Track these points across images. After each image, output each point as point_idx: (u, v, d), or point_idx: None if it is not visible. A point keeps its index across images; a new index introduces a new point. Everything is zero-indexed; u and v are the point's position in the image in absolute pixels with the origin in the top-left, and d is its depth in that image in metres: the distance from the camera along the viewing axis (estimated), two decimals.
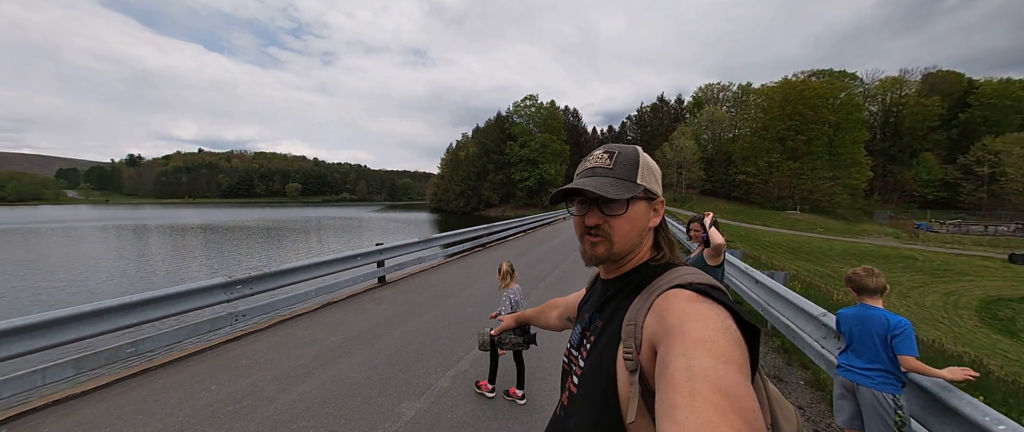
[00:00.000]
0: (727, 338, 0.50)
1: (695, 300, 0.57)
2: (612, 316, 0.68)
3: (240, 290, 4.36)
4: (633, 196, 0.68)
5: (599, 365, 0.65)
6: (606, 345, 0.65)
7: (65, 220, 49.70)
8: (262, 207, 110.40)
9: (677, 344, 0.50)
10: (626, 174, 0.69)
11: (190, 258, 18.97)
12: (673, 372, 0.46)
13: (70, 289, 12.08)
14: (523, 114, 65.79)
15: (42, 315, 2.90)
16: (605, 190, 0.66)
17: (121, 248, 22.58)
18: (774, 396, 0.65)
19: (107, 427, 2.59)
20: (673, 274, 0.66)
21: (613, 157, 0.71)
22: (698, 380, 0.44)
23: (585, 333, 0.75)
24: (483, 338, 1.19)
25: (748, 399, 0.43)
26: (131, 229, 35.79)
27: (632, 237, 0.70)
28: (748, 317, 0.57)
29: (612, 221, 0.68)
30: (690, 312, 0.54)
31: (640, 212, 0.70)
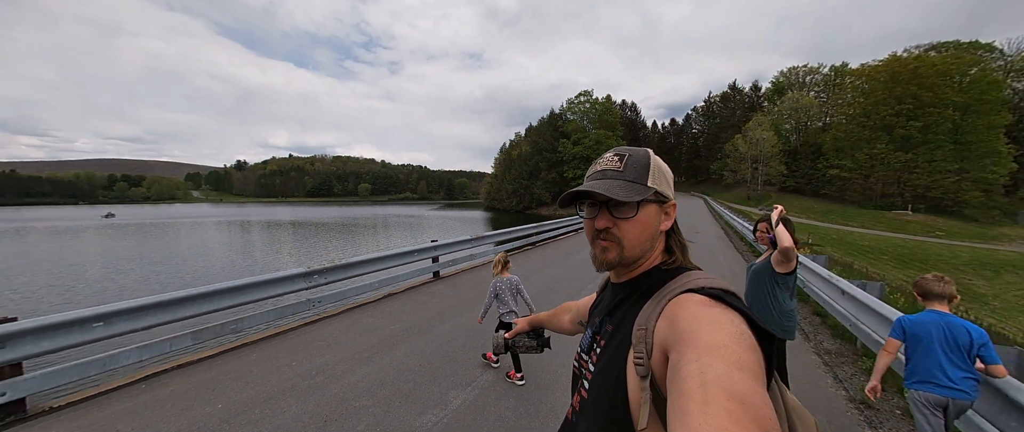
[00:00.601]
0: (741, 344, 0.48)
1: (708, 305, 0.55)
2: (623, 321, 0.67)
3: (317, 279, 4.94)
4: (643, 199, 0.67)
5: (609, 370, 0.64)
6: (616, 350, 0.64)
7: (191, 216, 60.45)
8: (338, 205, 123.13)
9: (690, 350, 0.48)
10: (636, 177, 0.68)
11: (281, 249, 21.84)
12: (685, 378, 0.45)
13: (194, 273, 14.65)
14: (577, 111, 64.32)
15: (171, 294, 3.58)
16: (615, 192, 0.65)
17: (230, 240, 26.82)
18: (792, 405, 0.62)
19: (215, 389, 3.12)
20: (685, 278, 0.64)
21: (623, 159, 0.71)
22: (711, 386, 0.42)
23: (595, 337, 0.74)
24: (498, 341, 1.20)
25: (763, 406, 0.42)
26: (238, 224, 42.33)
27: (643, 240, 0.68)
28: (763, 323, 0.55)
29: (622, 224, 0.67)
30: (703, 317, 0.53)
31: (651, 215, 0.69)
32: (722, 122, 75.48)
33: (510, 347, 1.18)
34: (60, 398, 3.02)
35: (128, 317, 3.31)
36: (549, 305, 4.52)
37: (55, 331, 2.94)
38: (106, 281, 13.29)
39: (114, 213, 70.27)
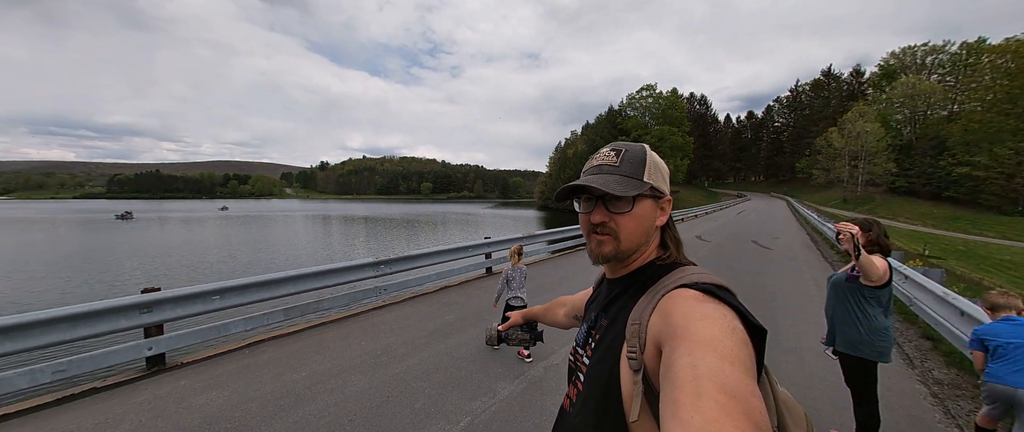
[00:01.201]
0: (733, 338, 0.49)
1: (701, 300, 0.56)
2: (617, 315, 0.68)
3: (383, 269, 5.41)
4: (639, 194, 0.67)
5: (603, 364, 0.65)
6: (610, 344, 0.65)
7: (284, 210, 69.67)
8: (403, 202, 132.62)
9: (682, 344, 0.49)
10: (632, 172, 0.68)
11: (354, 241, 24.17)
12: (678, 371, 0.46)
13: (286, 259, 16.85)
14: (638, 106, 61.00)
15: (269, 276, 4.20)
16: (611, 187, 0.65)
17: (315, 231, 30.39)
18: (783, 398, 0.63)
19: (300, 359, 3.60)
20: (679, 273, 0.65)
21: (620, 155, 0.71)
22: (703, 380, 0.43)
23: (590, 332, 0.74)
24: (491, 333, 1.19)
25: (754, 400, 0.42)
26: (321, 218, 47.82)
27: (638, 235, 0.69)
28: (755, 317, 0.55)
29: (618, 219, 0.68)
30: (696, 312, 0.53)
31: (646, 210, 0.69)
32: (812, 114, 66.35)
33: (503, 339, 1.18)
34: (188, 356, 3.72)
35: (238, 293, 3.96)
36: None
37: (186, 301, 3.63)
38: (221, 263, 15.90)
39: (228, 206, 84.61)
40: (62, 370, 2.97)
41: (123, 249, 20.21)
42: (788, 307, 5.35)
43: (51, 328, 2.93)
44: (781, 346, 3.94)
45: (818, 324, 4.31)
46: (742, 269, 7.93)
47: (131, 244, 22.40)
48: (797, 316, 4.95)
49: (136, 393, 3.03)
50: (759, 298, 5.73)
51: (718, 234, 14.64)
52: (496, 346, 1.21)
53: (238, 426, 2.57)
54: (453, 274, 6.68)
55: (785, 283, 6.81)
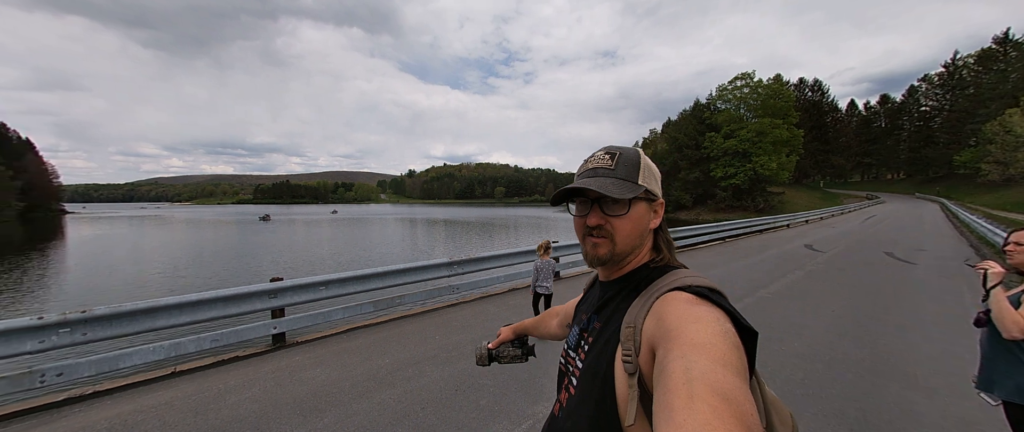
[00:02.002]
0: (726, 341, 0.49)
1: (694, 303, 0.57)
2: (611, 318, 0.68)
3: (456, 269, 5.77)
4: (635, 197, 0.68)
5: (597, 367, 0.65)
6: (604, 347, 0.65)
7: (379, 213, 78.73)
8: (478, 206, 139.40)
9: (675, 347, 0.50)
10: (627, 175, 0.69)
11: (435, 241, 26.16)
12: (671, 374, 0.46)
13: (380, 256, 19.00)
14: (730, 98, 54.12)
15: (364, 271, 4.80)
16: (608, 190, 0.66)
17: (402, 232, 33.67)
18: (771, 400, 0.64)
19: (384, 348, 4.03)
20: (672, 276, 0.65)
21: (615, 158, 0.71)
22: (696, 383, 0.43)
23: (583, 335, 0.74)
24: (481, 352, 1.11)
25: (746, 403, 0.43)
26: (408, 220, 52.85)
27: (634, 238, 0.70)
28: (746, 320, 0.55)
29: (614, 221, 0.68)
30: (689, 315, 0.54)
31: (641, 213, 0.70)
32: (980, 93, 51.53)
33: (494, 357, 1.11)
34: (301, 337, 4.45)
35: (338, 285, 4.61)
36: None
37: (301, 290, 4.35)
38: (330, 258, 18.62)
39: (337, 210, 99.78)
40: (218, 340, 3.81)
41: (263, 244, 24.99)
42: (931, 335, 4.26)
43: (212, 306, 3.78)
44: (919, 383, 3.16)
45: (972, 359, 3.34)
46: (867, 287, 6.52)
47: (268, 241, 27.59)
48: (943, 345, 3.92)
49: (264, 363, 3.73)
50: (889, 322, 4.66)
51: (836, 243, 12.28)
52: (487, 365, 1.16)
53: (334, 401, 2.99)
54: (520, 277, 6.79)
55: (929, 306, 5.41)
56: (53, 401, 2.99)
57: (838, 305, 5.38)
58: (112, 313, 3.25)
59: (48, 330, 2.97)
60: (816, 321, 4.71)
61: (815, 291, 6.22)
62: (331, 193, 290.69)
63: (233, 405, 2.95)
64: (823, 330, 4.40)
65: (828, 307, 5.29)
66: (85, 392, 3.13)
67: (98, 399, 3.08)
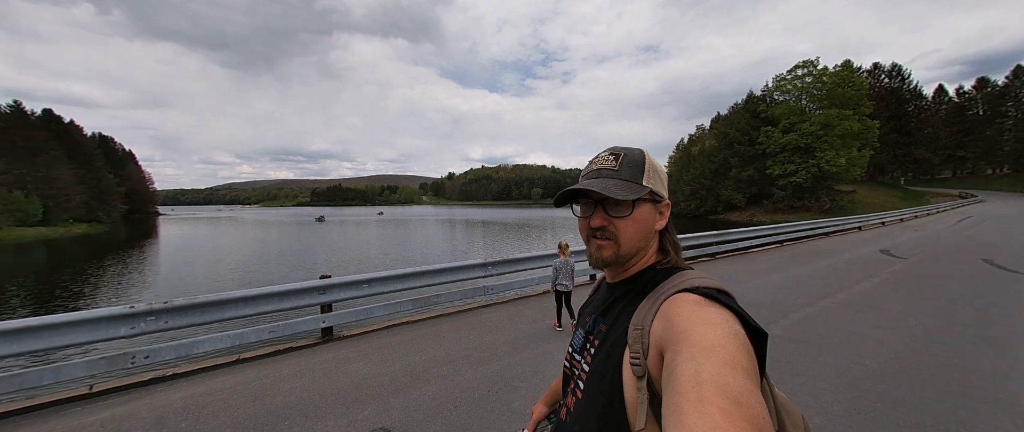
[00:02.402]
0: (735, 343, 0.49)
1: (702, 304, 0.56)
2: (617, 320, 0.67)
3: (491, 270, 5.82)
4: (639, 198, 0.67)
5: (604, 370, 0.64)
6: (611, 350, 0.64)
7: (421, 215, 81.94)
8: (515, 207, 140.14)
9: (685, 349, 0.49)
10: (631, 176, 0.69)
11: (473, 241, 26.65)
12: (680, 377, 0.46)
13: (421, 255, 19.73)
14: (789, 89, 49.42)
15: (404, 270, 5.00)
16: (611, 191, 0.65)
17: (441, 232, 34.73)
18: (781, 402, 0.64)
19: (421, 345, 4.16)
20: (679, 278, 0.64)
21: (619, 158, 0.71)
22: (706, 386, 0.43)
23: (588, 337, 0.73)
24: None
25: (757, 405, 0.43)
26: (447, 221, 54.45)
27: (638, 239, 0.69)
28: (756, 321, 0.54)
29: (618, 223, 0.68)
30: (697, 317, 0.53)
31: (645, 214, 0.70)
32: None
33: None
34: (346, 331, 4.72)
35: (380, 283, 4.84)
36: None
37: (346, 287, 4.62)
38: (376, 257, 19.66)
39: (383, 211, 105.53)
40: (274, 332, 4.16)
41: (318, 244, 26.98)
42: None
43: (269, 300, 4.13)
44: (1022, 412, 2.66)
45: None
46: (959, 298, 5.63)
47: (322, 240, 29.74)
48: None
49: (314, 355, 4.00)
50: (986, 340, 3.98)
51: (921, 248, 10.79)
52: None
53: (374, 394, 3.13)
54: (534, 282, 6.69)
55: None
56: (141, 380, 3.43)
57: (921, 318, 4.70)
58: (188, 304, 3.66)
59: (137, 318, 3.42)
60: (893, 335, 4.15)
61: (892, 301, 5.49)
62: (378, 195, 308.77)
63: (286, 393, 3.20)
64: (901, 346, 3.87)
65: (908, 320, 4.65)
66: (166, 373, 3.55)
67: (176, 381, 3.48)
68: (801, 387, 3.09)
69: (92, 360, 3.30)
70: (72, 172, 52.08)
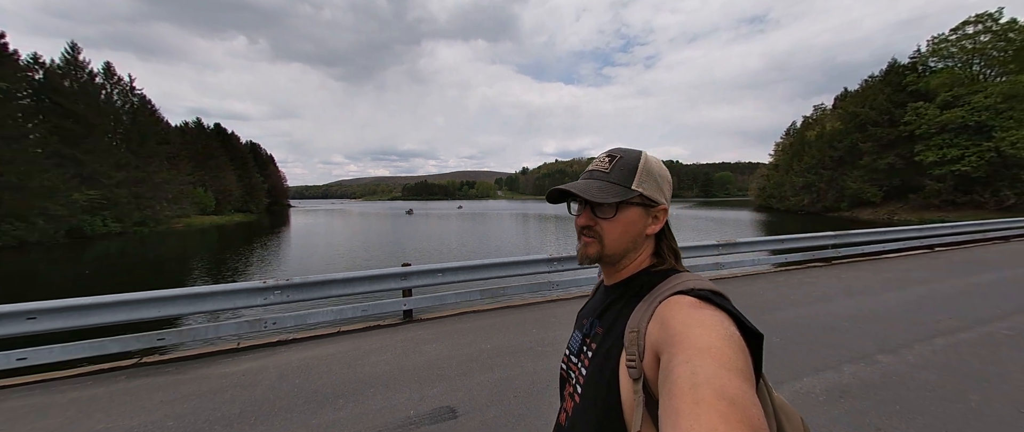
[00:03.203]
0: (731, 345, 0.49)
1: (698, 306, 0.56)
2: (613, 323, 0.68)
3: (556, 266, 5.82)
4: (622, 201, 0.68)
5: (601, 373, 0.64)
6: (608, 353, 0.65)
7: (496, 209, 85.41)
8: None
9: (680, 351, 0.49)
10: (620, 179, 0.70)
11: (545, 235, 26.78)
12: (676, 379, 0.46)
13: (495, 247, 20.58)
14: (954, 52, 38.23)
15: (474, 262, 5.31)
16: (590, 194, 0.67)
17: (515, 226, 35.64)
18: (779, 403, 0.64)
19: (488, 334, 4.39)
20: (675, 280, 0.65)
21: (613, 161, 0.72)
22: (702, 387, 0.43)
23: (585, 340, 0.74)
24: None
25: (752, 407, 0.43)
26: (521, 215, 55.57)
27: (623, 241, 0.71)
28: (751, 323, 0.55)
29: (602, 223, 0.70)
30: (693, 319, 0.54)
31: (632, 218, 0.71)
32: None
33: None
34: (424, 315, 5.21)
35: (452, 273, 5.22)
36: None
37: (424, 274, 5.09)
38: (456, 248, 21.11)
39: (462, 205, 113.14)
40: (366, 311, 4.80)
41: (407, 233, 30.03)
42: None
43: (362, 283, 4.77)
44: None
45: None
46: None
47: (411, 230, 32.98)
48: None
49: (396, 334, 4.52)
50: None
51: None
52: None
53: (443, 374, 3.42)
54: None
55: None
56: (270, 341, 4.29)
57: None
58: (304, 282, 4.45)
59: (268, 291, 4.27)
60: None
61: None
62: (457, 190, 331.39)
63: (372, 364, 3.69)
64: None
65: None
66: (287, 338, 4.38)
67: (294, 344, 4.27)
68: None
69: (240, 322, 4.25)
70: (233, 173, 66.37)
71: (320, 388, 3.23)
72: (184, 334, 4.04)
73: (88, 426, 2.73)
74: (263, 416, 2.82)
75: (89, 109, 35.10)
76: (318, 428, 2.67)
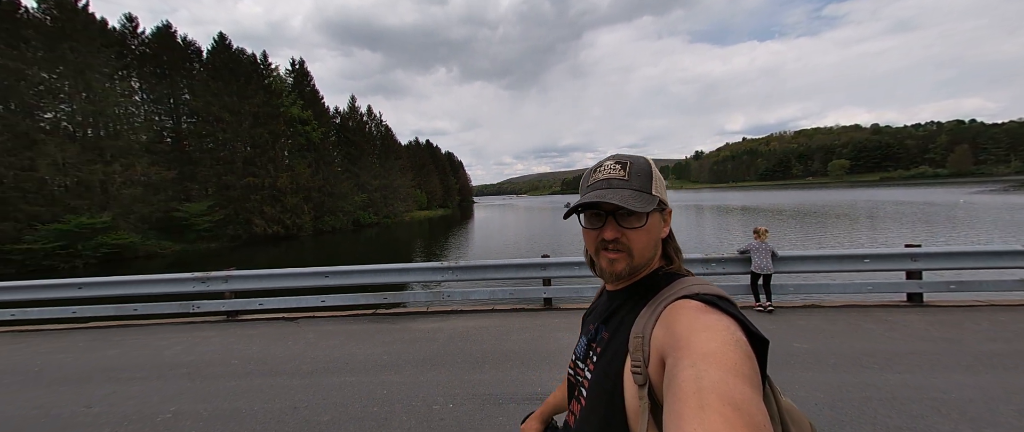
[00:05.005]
0: (737, 350, 0.49)
1: (703, 311, 0.56)
2: (619, 328, 0.68)
3: (713, 267, 5.02)
4: (653, 209, 0.66)
5: (606, 378, 0.64)
6: (613, 357, 0.65)
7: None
8: (797, 188, 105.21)
9: (685, 356, 0.49)
10: (642, 186, 0.69)
11: (728, 231, 22.65)
12: (681, 384, 0.46)
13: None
14: None
15: None
16: (631, 203, 0.64)
17: (687, 220, 31.63)
18: (787, 408, 0.63)
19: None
20: (680, 284, 0.65)
21: (627, 168, 0.70)
22: (707, 392, 0.43)
23: (591, 345, 0.74)
24: None
25: (758, 413, 0.42)
26: (694, 207, 48.64)
27: (649, 249, 0.69)
28: (757, 328, 0.54)
29: (630, 234, 0.68)
30: (698, 323, 0.53)
31: (655, 224, 0.70)
32: None
33: None
34: (562, 305, 5.51)
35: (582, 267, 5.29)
36: None
37: (560, 266, 5.36)
38: None
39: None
40: (514, 294, 5.49)
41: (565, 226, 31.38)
42: None
43: (509, 270, 5.46)
44: None
45: None
46: None
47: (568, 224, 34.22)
48: None
49: (535, 319, 4.99)
50: None
51: None
52: None
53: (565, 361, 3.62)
54: (862, 289, 4.87)
55: None
56: (445, 310, 5.51)
57: None
58: (468, 265, 5.49)
59: (445, 270, 5.48)
60: None
61: None
62: None
63: (514, 341, 4.24)
64: None
65: None
66: (456, 309, 5.52)
67: (460, 315, 5.34)
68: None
69: (428, 292, 5.65)
70: (437, 178, 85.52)
71: (473, 352, 3.99)
72: (398, 296, 5.70)
73: (349, 347, 4.30)
74: (436, 365, 3.74)
75: (361, 138, 52.30)
76: (469, 382, 3.34)
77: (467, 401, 3.01)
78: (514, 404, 2.93)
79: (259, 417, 2.89)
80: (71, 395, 3.39)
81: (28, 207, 20.86)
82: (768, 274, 4.73)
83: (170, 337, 4.85)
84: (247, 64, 35.53)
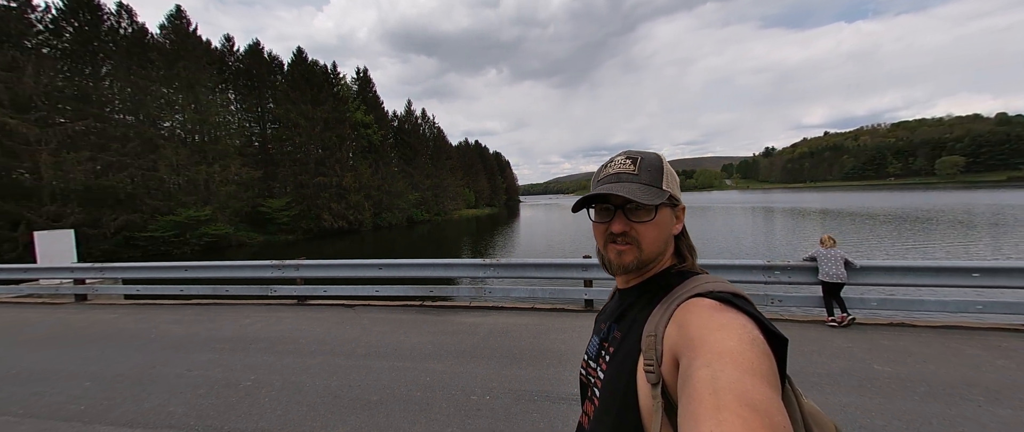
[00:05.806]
0: (754, 349, 0.47)
1: (718, 309, 0.54)
2: (631, 327, 0.67)
3: (777, 275, 4.57)
4: (661, 203, 0.67)
5: (619, 378, 0.64)
6: (625, 357, 0.64)
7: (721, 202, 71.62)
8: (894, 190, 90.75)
9: (701, 356, 0.48)
10: (652, 180, 0.68)
11: (799, 237, 20.36)
12: (697, 384, 0.45)
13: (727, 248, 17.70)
14: None
15: None
16: (638, 195, 0.64)
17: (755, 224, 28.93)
18: (809, 411, 0.60)
19: None
20: (693, 283, 0.63)
21: (637, 163, 0.70)
22: (724, 393, 0.42)
23: (603, 345, 0.73)
24: None
25: (777, 414, 0.41)
26: (762, 210, 44.32)
27: (658, 244, 0.69)
28: (774, 326, 0.52)
29: (639, 228, 0.67)
30: (713, 322, 0.52)
31: (666, 219, 0.70)
32: None
33: None
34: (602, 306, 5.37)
35: None
36: None
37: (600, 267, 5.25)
38: None
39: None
40: (554, 294, 5.49)
41: None
42: None
43: (549, 269, 5.46)
44: None
45: None
46: None
47: None
48: None
49: (575, 319, 4.94)
50: None
51: None
52: None
53: None
54: (969, 308, 4.16)
55: None
56: (486, 305, 5.67)
57: None
58: (508, 263, 5.59)
59: (488, 267, 5.64)
60: None
61: None
62: None
63: (553, 340, 4.25)
64: None
65: None
66: (497, 305, 5.65)
67: (501, 311, 5.45)
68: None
69: (471, 288, 5.85)
70: (485, 177, 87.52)
71: (511, 348, 4.07)
72: (443, 290, 5.98)
73: (398, 335, 4.62)
74: (475, 357, 3.88)
75: (416, 140, 55.30)
76: (505, 377, 3.43)
77: (503, 395, 3.09)
78: (549, 402, 2.96)
79: (319, 392, 3.24)
80: (178, 359, 4.07)
81: (151, 201, 25.30)
82: (840, 284, 4.28)
83: (253, 315, 5.59)
84: (320, 74, 39.36)
